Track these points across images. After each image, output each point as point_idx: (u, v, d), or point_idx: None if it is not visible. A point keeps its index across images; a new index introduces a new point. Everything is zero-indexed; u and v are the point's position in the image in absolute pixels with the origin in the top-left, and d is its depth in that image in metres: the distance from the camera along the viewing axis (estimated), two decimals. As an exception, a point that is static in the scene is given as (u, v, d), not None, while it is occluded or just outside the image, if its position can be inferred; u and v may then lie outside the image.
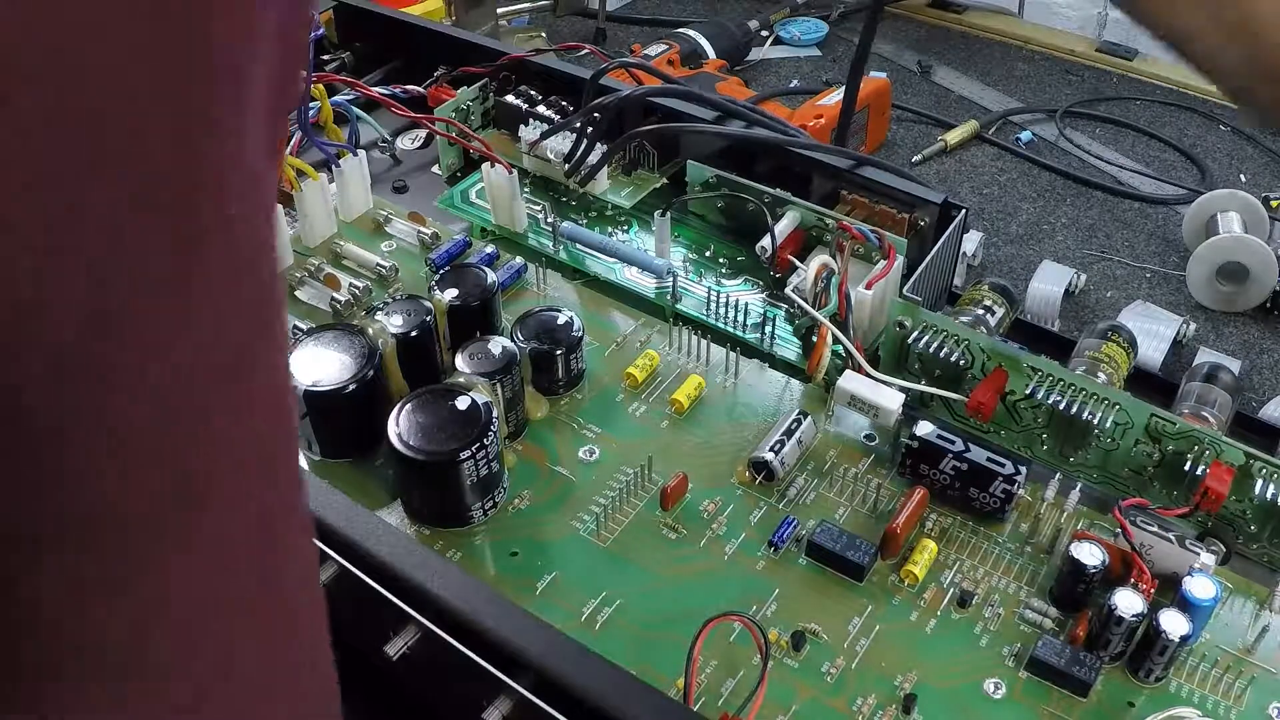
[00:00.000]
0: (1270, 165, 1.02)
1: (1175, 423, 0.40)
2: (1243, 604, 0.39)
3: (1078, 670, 0.36)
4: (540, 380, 0.45)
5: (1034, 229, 0.93)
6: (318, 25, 0.47)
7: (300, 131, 0.50)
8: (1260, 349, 0.79)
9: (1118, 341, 0.47)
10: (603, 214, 0.56)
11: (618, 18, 1.28)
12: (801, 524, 0.41)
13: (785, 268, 0.49)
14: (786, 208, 0.50)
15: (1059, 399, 0.41)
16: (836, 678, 0.36)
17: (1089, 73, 1.17)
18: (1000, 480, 0.40)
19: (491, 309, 0.46)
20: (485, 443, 0.38)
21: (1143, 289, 0.86)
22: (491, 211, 0.54)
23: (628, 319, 0.50)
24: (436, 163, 0.62)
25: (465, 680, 0.35)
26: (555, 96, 0.59)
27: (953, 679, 0.36)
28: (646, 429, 0.45)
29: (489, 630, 0.35)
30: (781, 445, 0.42)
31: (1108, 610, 0.36)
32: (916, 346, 0.44)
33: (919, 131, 1.08)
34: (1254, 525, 0.40)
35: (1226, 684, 0.36)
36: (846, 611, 0.38)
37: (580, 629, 0.37)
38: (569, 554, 0.40)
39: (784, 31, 1.22)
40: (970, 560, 0.40)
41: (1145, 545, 0.38)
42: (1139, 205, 0.96)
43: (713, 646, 0.37)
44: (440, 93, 0.62)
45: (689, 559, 0.40)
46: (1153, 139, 1.06)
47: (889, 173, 0.52)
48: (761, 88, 1.14)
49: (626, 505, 0.42)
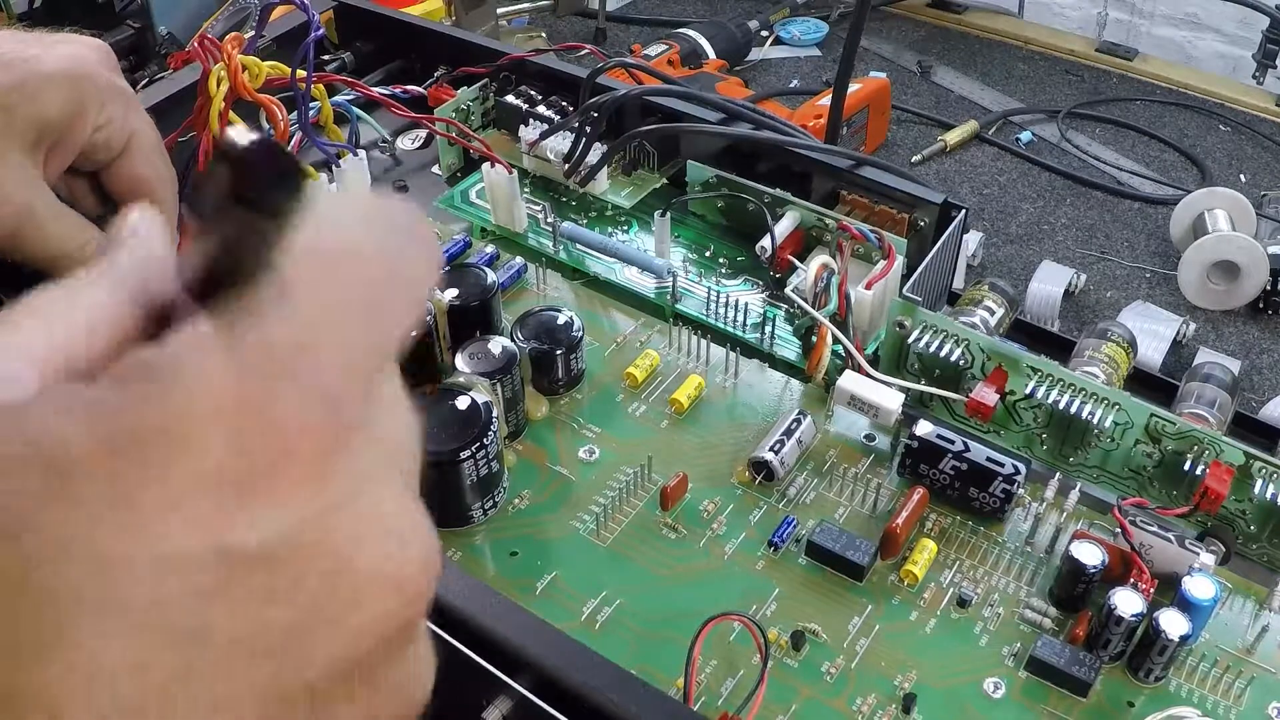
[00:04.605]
0: (1270, 165, 1.02)
1: (1175, 423, 0.40)
2: (1242, 604, 0.39)
3: (1077, 670, 0.36)
4: (540, 380, 0.45)
5: (1034, 229, 0.93)
6: (318, 25, 0.47)
7: (300, 132, 0.50)
8: (1260, 349, 0.79)
9: (1118, 341, 0.47)
10: (603, 214, 0.56)
11: (618, 18, 1.28)
12: (801, 524, 0.41)
13: (785, 268, 0.49)
14: (786, 208, 0.50)
15: (1059, 399, 0.41)
16: (836, 677, 0.36)
17: (1089, 73, 1.18)
18: (1000, 480, 0.40)
19: (491, 309, 0.46)
20: (485, 443, 0.39)
21: (1142, 289, 0.86)
22: (491, 211, 0.54)
23: (628, 319, 0.50)
24: (436, 163, 0.62)
25: (465, 680, 0.35)
26: (555, 96, 0.59)
27: (952, 679, 0.36)
28: (646, 429, 0.45)
29: (489, 630, 0.35)
30: (781, 445, 0.42)
31: (1107, 610, 0.36)
32: (916, 346, 0.44)
33: (919, 131, 1.08)
34: (1254, 525, 0.40)
35: (1226, 684, 0.36)
36: (846, 611, 0.38)
37: (580, 629, 0.37)
38: (569, 554, 0.40)
39: (784, 31, 1.23)
40: (970, 560, 0.40)
41: (1145, 545, 0.38)
42: (1139, 205, 0.96)
43: (712, 646, 0.37)
44: (440, 93, 0.62)
45: (689, 559, 0.40)
46: (1153, 139, 1.06)
47: (889, 173, 0.52)
48: (761, 88, 1.14)
49: (626, 505, 0.42)
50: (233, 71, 0.44)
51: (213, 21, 0.79)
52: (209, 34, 0.46)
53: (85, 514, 0.13)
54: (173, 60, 0.70)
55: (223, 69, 0.44)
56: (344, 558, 0.14)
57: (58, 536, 0.13)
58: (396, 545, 0.15)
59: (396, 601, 0.15)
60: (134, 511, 0.13)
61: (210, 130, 0.44)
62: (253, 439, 0.14)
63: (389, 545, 0.15)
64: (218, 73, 0.44)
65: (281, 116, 0.46)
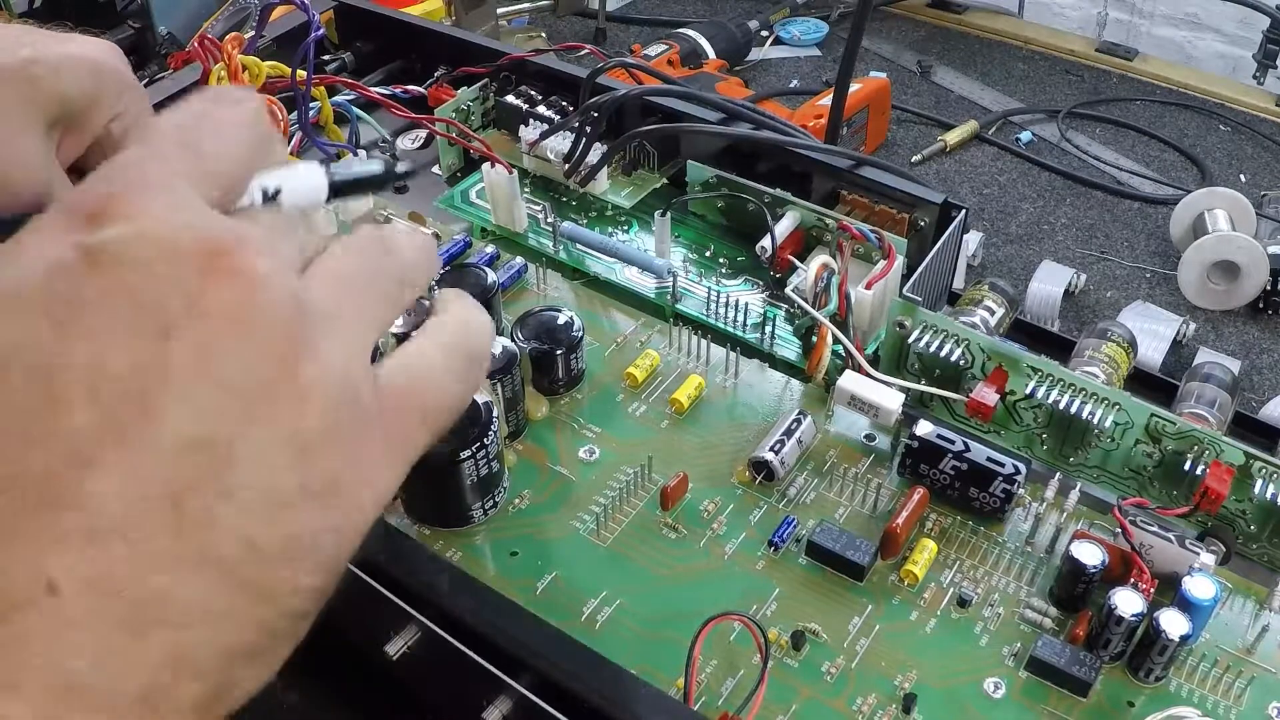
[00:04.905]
0: (1270, 165, 1.02)
1: (1175, 423, 0.40)
2: (1242, 604, 0.39)
3: (1077, 670, 0.36)
4: (540, 380, 0.45)
5: (1034, 229, 0.93)
6: (318, 25, 0.47)
7: (300, 132, 0.50)
8: (1260, 349, 0.79)
9: (1118, 341, 0.47)
10: (603, 214, 0.56)
11: (618, 18, 1.28)
12: (801, 524, 0.41)
13: (785, 268, 0.49)
14: (786, 208, 0.50)
15: (1059, 399, 0.41)
16: (836, 677, 0.36)
17: (1089, 73, 1.17)
18: (1000, 480, 0.40)
19: (491, 309, 0.46)
20: (485, 443, 0.39)
21: (1142, 289, 0.86)
22: (491, 211, 0.54)
23: (628, 319, 0.50)
24: (436, 163, 0.62)
25: (465, 680, 0.35)
26: (555, 96, 0.59)
27: (952, 679, 0.36)
28: (646, 429, 0.45)
29: (489, 630, 0.35)
30: (781, 445, 0.42)
31: (1107, 610, 0.36)
32: (916, 346, 0.44)
33: (919, 131, 1.08)
34: (1254, 525, 0.40)
35: (1226, 684, 0.36)
36: (846, 611, 0.38)
37: (580, 629, 0.37)
38: (569, 554, 0.40)
39: (784, 31, 1.22)
40: (970, 560, 0.40)
41: (1145, 545, 0.38)
42: (1139, 205, 0.96)
43: (712, 646, 0.37)
44: (440, 93, 0.62)
45: (689, 559, 0.40)
46: (1153, 139, 1.06)
47: (889, 173, 0.52)
48: (761, 88, 1.14)
49: (626, 505, 0.42)
50: (233, 71, 0.44)
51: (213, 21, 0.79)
52: (209, 34, 0.46)
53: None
54: (173, 60, 0.70)
55: (223, 69, 0.44)
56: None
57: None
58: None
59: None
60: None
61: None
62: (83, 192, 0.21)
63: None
64: (218, 73, 0.44)
65: (282, 116, 0.46)
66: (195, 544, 0.19)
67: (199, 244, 0.20)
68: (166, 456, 0.19)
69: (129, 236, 0.20)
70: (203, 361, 0.20)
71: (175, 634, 0.19)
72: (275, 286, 0.21)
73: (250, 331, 0.20)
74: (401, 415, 0.24)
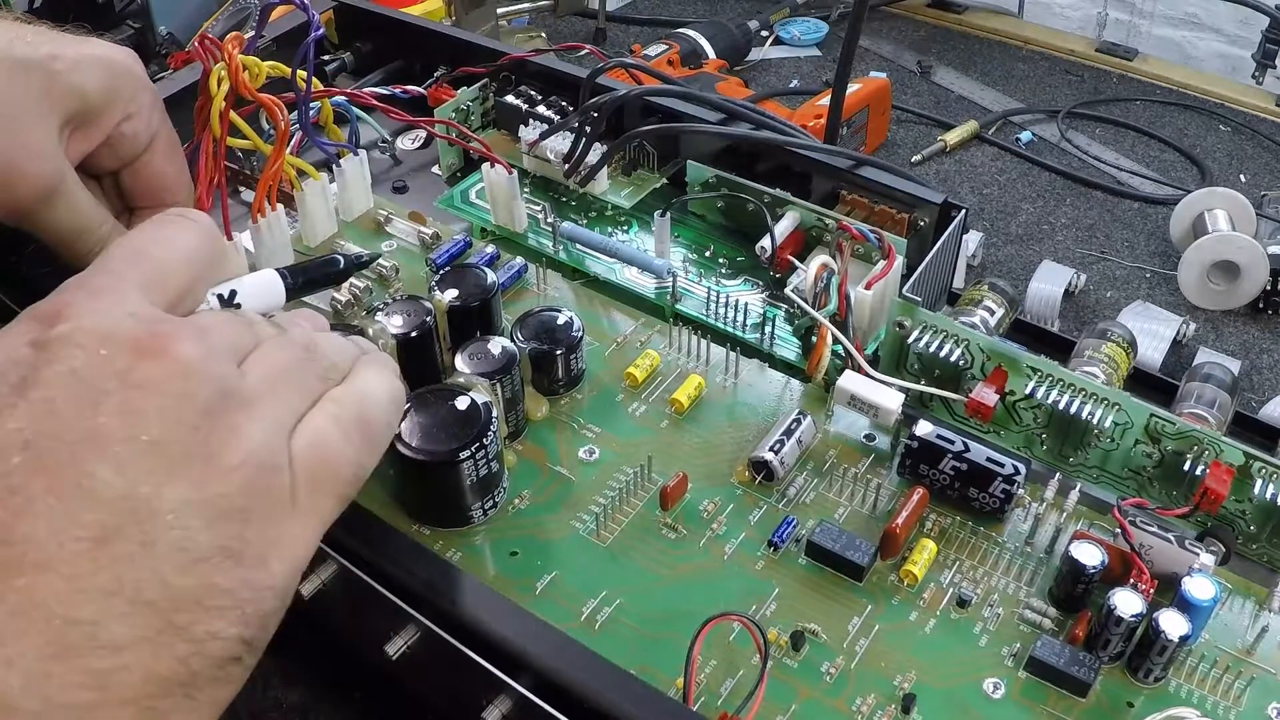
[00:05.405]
0: (1270, 165, 1.02)
1: (1175, 423, 0.40)
2: (1242, 604, 0.39)
3: (1077, 670, 0.36)
4: (540, 380, 0.45)
5: (1034, 229, 0.93)
6: (318, 25, 0.47)
7: (301, 131, 0.50)
8: (1259, 349, 0.79)
9: (1118, 341, 0.47)
10: (603, 214, 0.56)
11: (618, 18, 1.28)
12: (801, 524, 0.41)
13: (785, 268, 0.49)
14: (786, 208, 0.50)
15: (1059, 399, 0.41)
16: (836, 678, 0.36)
17: (1089, 73, 1.17)
18: (1000, 480, 0.40)
19: (491, 309, 0.46)
20: (485, 443, 0.39)
21: (1142, 289, 0.86)
22: (491, 212, 0.54)
23: (628, 319, 0.50)
24: (436, 163, 0.62)
25: (465, 680, 0.35)
26: (555, 97, 0.59)
27: (952, 679, 0.36)
28: (646, 429, 0.45)
29: (489, 630, 0.35)
30: (781, 445, 0.42)
31: (1107, 610, 0.36)
32: (916, 346, 0.44)
33: (919, 131, 1.08)
34: (1253, 525, 0.40)
35: (1226, 684, 0.36)
36: (846, 611, 0.38)
37: (580, 629, 0.37)
38: (569, 554, 0.40)
39: (784, 32, 1.22)
40: (970, 560, 0.40)
41: (1145, 545, 0.38)
42: (1139, 205, 0.96)
43: (712, 646, 0.37)
44: (440, 93, 0.62)
45: (689, 559, 0.40)
46: (1153, 139, 1.06)
47: (889, 173, 0.52)
48: (761, 88, 1.14)
49: (626, 505, 0.42)
50: (233, 71, 0.44)
51: (213, 21, 0.79)
52: (209, 34, 0.46)
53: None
54: (173, 60, 0.71)
55: (223, 69, 0.44)
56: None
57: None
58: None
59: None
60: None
61: (211, 130, 0.45)
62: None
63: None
64: (218, 72, 0.44)
65: (282, 116, 0.46)
66: (121, 581, 0.22)
67: (135, 332, 0.24)
68: (96, 503, 0.22)
69: (73, 329, 0.24)
70: (130, 425, 0.23)
71: (102, 660, 0.21)
72: (200, 370, 0.24)
73: (175, 404, 0.24)
74: (312, 487, 0.27)
